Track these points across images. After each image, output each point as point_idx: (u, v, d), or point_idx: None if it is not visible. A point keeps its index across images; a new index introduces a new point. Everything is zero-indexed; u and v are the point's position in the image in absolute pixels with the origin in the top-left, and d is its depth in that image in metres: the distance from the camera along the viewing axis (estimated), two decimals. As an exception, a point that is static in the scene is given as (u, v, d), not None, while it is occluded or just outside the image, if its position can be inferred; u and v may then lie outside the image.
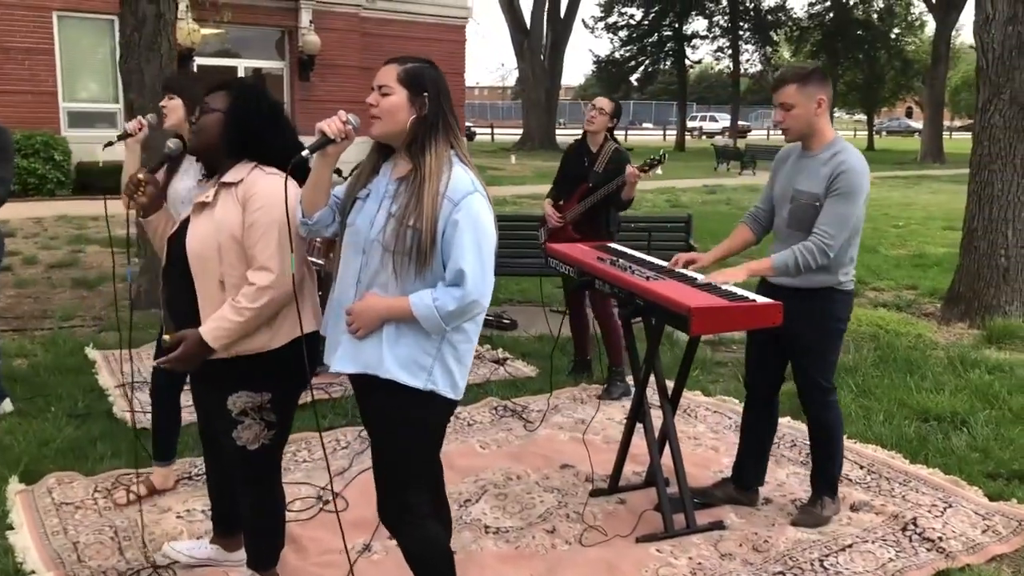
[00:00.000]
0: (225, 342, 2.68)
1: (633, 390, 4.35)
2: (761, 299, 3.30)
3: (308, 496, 3.97)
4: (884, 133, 58.90)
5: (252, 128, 2.78)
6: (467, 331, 2.56)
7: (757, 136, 49.78)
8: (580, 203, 5.39)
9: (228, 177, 2.78)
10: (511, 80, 68.77)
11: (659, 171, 5.22)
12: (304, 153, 2.49)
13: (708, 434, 4.81)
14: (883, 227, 13.49)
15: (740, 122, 43.92)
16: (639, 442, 3.96)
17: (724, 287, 3.44)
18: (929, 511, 3.90)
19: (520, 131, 36.49)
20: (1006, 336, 6.66)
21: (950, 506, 3.95)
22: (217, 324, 2.67)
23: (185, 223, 2.84)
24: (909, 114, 68.42)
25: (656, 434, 3.85)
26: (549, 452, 4.48)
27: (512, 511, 3.87)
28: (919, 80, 38.71)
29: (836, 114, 48.89)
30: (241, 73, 19.39)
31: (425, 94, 2.47)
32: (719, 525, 3.75)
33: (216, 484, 3.26)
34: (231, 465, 2.96)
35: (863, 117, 48.03)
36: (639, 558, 3.49)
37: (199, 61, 18.00)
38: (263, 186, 2.71)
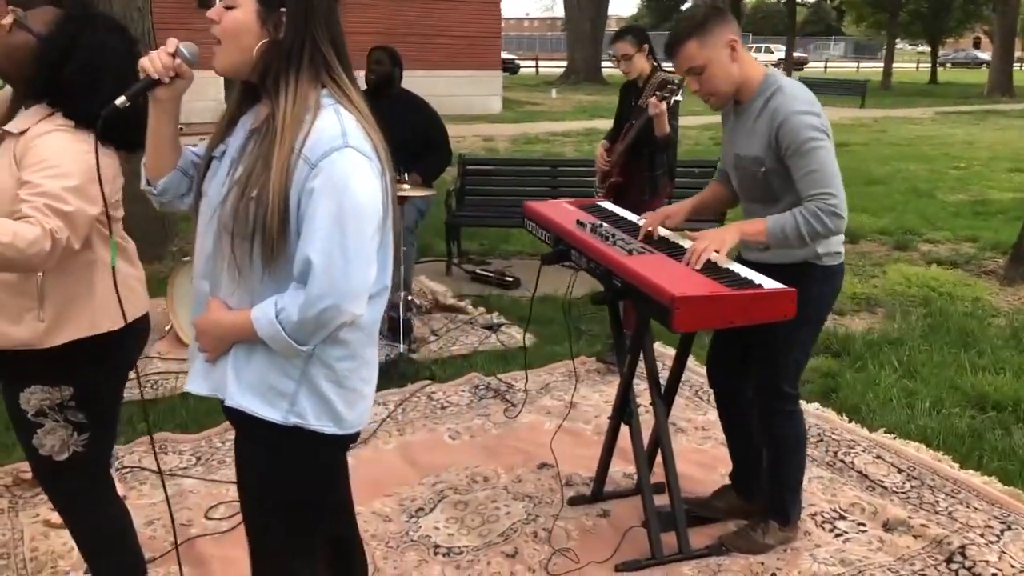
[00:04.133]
0: None
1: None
2: (771, 284, 2.57)
3: (236, 499, 3.36)
4: (949, 65, 56.07)
5: (71, 72, 2.12)
6: (346, 341, 1.83)
7: (814, 68, 47.68)
8: (621, 143, 4.85)
9: (13, 125, 2.13)
10: (559, 10, 66.81)
11: (679, 97, 4.51)
12: (118, 102, 1.78)
13: (720, 423, 4.09)
14: (942, 168, 12.41)
15: (796, 53, 42.00)
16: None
17: (726, 265, 2.70)
18: (982, 535, 3.18)
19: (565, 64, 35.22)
20: (1080, 301, 5.79)
21: (1008, 528, 3.22)
22: None
23: None
24: (977, 44, 65.13)
25: (651, 432, 3.19)
26: (528, 446, 3.82)
27: (471, 525, 3.24)
28: (989, 7, 36.42)
29: (899, 45, 46.52)
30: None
31: (282, 8, 1.73)
32: (718, 549, 3.08)
33: None
34: (38, 481, 2.37)
35: (927, 48, 45.56)
36: (613, 595, 2.84)
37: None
38: (47, 141, 2.06)
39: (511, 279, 6.25)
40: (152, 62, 1.79)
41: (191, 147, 2.00)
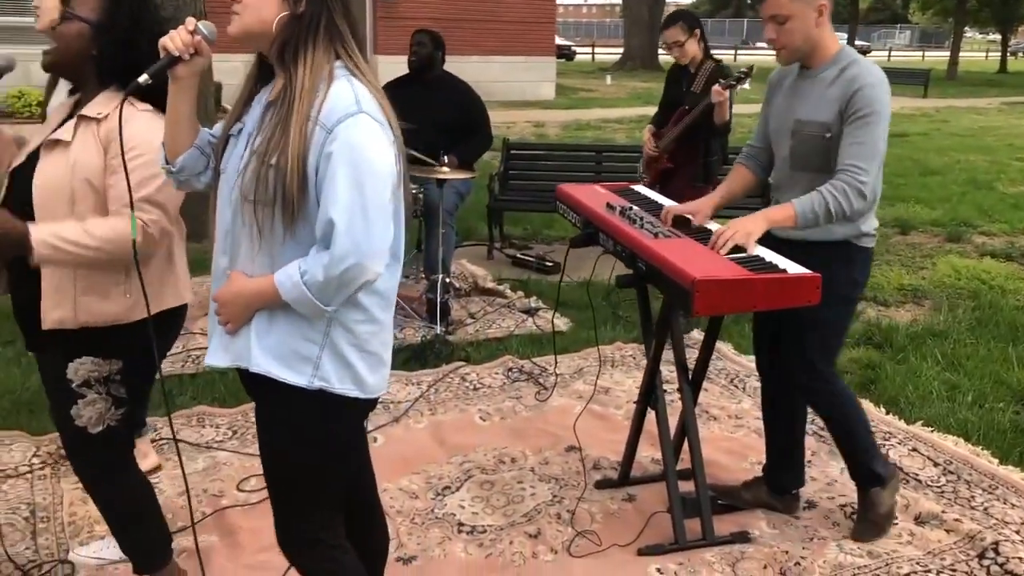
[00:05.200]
0: (46, 259, 2.16)
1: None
2: (795, 268, 2.53)
3: (267, 473, 3.44)
4: (1021, 54, 54.37)
5: (131, 51, 2.18)
6: (365, 306, 1.89)
7: (877, 56, 46.58)
8: (674, 129, 4.86)
9: (89, 110, 2.22)
10: (618, -3, 66.08)
11: (746, 86, 4.58)
12: (141, 79, 1.85)
13: (754, 412, 4.06)
14: (1004, 159, 12.06)
15: (858, 42, 41.17)
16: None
17: (752, 250, 2.67)
18: (1017, 532, 3.11)
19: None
20: None
21: (1045, 526, 3.15)
22: (54, 235, 2.14)
23: (34, 156, 2.27)
24: (1051, 33, 62.96)
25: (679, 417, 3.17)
26: (557, 428, 3.82)
27: (496, 504, 3.26)
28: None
29: (968, 34, 45.18)
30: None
31: None
32: (743, 537, 3.05)
33: None
34: (67, 452, 2.45)
35: (998, 37, 44.20)
36: (634, 579, 2.84)
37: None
38: (135, 127, 2.14)
39: (551, 264, 6.25)
40: (172, 40, 1.84)
41: (206, 128, 2.05)
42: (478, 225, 7.20)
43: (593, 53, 40.12)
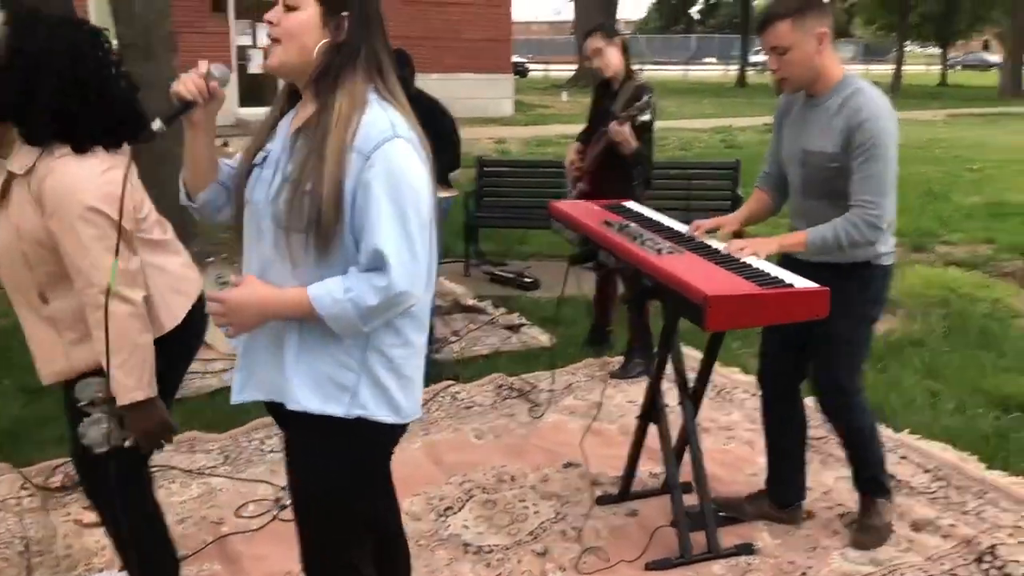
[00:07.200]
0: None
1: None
2: (802, 283, 2.58)
3: (265, 498, 3.40)
4: (960, 67, 55.91)
5: (37, 90, 2.07)
6: (400, 330, 1.87)
7: (824, 71, 47.37)
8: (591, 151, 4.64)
9: (14, 165, 2.13)
10: (568, 14, 66.76)
11: (646, 117, 4.32)
12: (155, 126, 1.84)
13: (744, 424, 4.11)
14: (955, 171, 12.38)
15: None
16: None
17: (756, 265, 2.72)
18: (1011, 535, 3.17)
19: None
20: (1102, 302, 5.78)
21: (1037, 528, 3.23)
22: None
23: None
24: (986, 47, 64.94)
25: (678, 432, 3.19)
26: (553, 445, 3.83)
27: (500, 523, 3.25)
28: (998, 10, 36.31)
29: (908, 47, 46.30)
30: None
31: (345, 13, 1.80)
32: (747, 549, 3.08)
33: None
34: (77, 472, 2.44)
35: (937, 51, 45.41)
36: (644, 594, 2.85)
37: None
38: (54, 182, 2.07)
39: (530, 280, 6.26)
40: (185, 85, 1.83)
41: (226, 161, 2.04)
42: (452, 242, 7.20)
43: (547, 70, 40.41)
